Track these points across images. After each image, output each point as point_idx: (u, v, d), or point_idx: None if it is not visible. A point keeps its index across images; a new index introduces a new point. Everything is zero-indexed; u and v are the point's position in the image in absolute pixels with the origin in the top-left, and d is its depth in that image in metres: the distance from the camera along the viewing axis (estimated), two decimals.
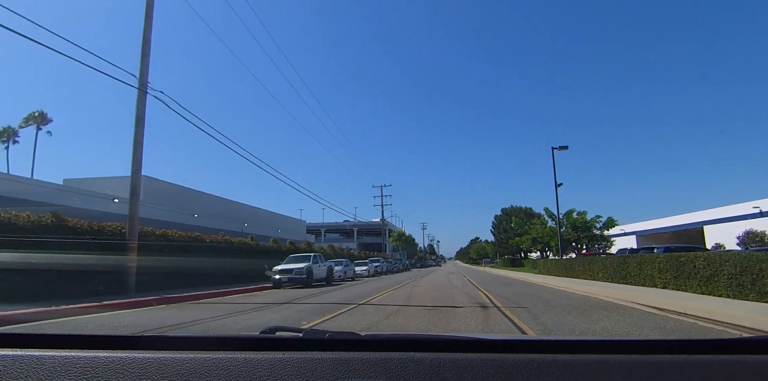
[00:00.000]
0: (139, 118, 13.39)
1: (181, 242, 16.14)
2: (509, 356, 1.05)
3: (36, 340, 1.23)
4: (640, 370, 0.98)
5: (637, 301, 10.16)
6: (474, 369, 0.99)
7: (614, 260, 16.03)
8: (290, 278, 17.57)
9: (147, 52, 13.93)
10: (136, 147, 13.30)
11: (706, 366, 1.00)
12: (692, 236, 49.49)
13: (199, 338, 1.31)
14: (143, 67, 13.71)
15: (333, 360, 1.04)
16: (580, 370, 0.99)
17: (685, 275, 11.18)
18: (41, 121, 58.05)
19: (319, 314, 8.45)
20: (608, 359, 1.03)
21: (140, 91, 13.47)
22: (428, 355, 1.05)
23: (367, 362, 1.02)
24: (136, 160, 13.26)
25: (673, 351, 1.09)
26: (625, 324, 6.75)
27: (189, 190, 38.13)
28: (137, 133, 13.34)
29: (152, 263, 13.99)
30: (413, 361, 1.03)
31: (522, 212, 51.92)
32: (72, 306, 9.22)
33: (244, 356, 1.06)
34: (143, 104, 13.52)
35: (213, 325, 7.31)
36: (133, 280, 12.72)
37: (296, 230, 55.73)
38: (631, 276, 14.34)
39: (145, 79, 13.65)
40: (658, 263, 12.62)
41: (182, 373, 1.00)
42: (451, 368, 1.00)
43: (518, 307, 9.24)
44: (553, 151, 26.76)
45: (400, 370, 1.00)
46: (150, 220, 22.84)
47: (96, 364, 1.04)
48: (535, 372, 0.98)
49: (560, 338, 1.49)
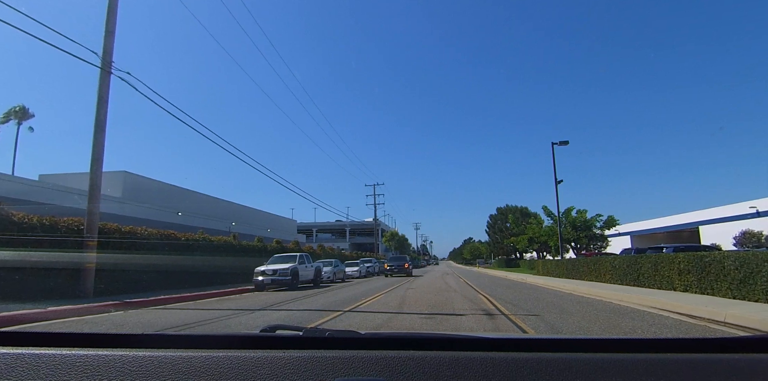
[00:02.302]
0: (101, 99, 11.93)
1: (152, 240, 14.64)
2: (509, 355, 1.05)
3: (37, 338, 1.22)
4: (639, 369, 0.98)
5: (662, 306, 8.94)
6: (474, 367, 0.99)
7: (624, 261, 14.83)
8: (273, 280, 16.15)
9: (112, 29, 12.48)
10: (97, 132, 11.83)
11: (705, 365, 1.00)
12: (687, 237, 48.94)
13: (199, 337, 1.32)
14: (107, 44, 12.25)
15: (333, 358, 1.03)
16: (579, 368, 0.98)
17: (712, 277, 9.98)
18: (22, 116, 56.13)
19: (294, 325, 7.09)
20: (607, 358, 1.03)
21: (103, 71, 12.01)
22: (428, 354, 1.06)
23: (366, 361, 1.02)
24: (97, 147, 11.79)
25: (672, 350, 1.10)
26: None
27: (174, 187, 36.49)
28: (99, 116, 11.87)
29: (116, 263, 12.55)
30: (413, 359, 1.03)
31: (517, 212, 50.79)
32: (5, 313, 7.78)
33: (244, 355, 1.05)
34: (106, 85, 12.06)
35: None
36: (91, 281, 11.27)
37: (287, 230, 54.26)
38: (645, 278, 13.14)
39: (109, 58, 12.19)
40: (677, 264, 11.42)
41: (182, 371, 1.00)
42: (451, 367, 1.00)
43: (529, 315, 7.96)
44: (553, 147, 25.65)
45: (399, 369, 1.00)
46: (128, 218, 21.28)
47: (96, 363, 1.04)
48: (535, 370, 0.98)
49: (560, 337, 1.41)
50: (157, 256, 14.50)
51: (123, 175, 30.68)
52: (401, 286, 17.37)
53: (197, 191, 39.26)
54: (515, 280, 22.98)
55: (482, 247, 79.00)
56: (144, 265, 13.72)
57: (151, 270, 14.17)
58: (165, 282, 14.77)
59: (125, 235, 13.53)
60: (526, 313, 8.30)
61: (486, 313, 8.37)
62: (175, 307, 10.56)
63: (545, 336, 1.59)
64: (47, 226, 11.04)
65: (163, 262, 14.69)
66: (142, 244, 14.12)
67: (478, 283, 19.22)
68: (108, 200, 27.09)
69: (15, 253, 9.60)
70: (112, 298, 11.21)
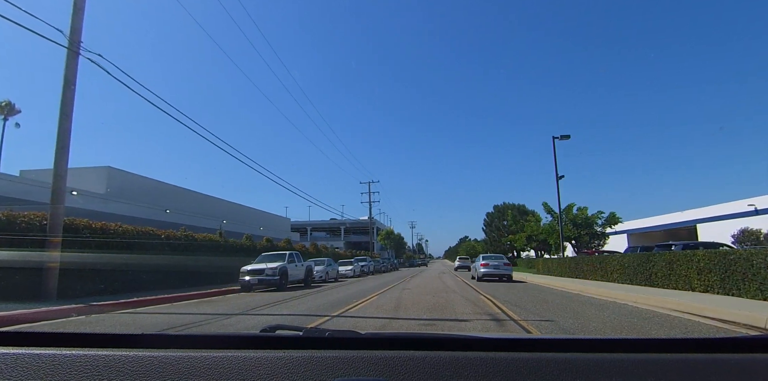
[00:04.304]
0: (68, 81, 10.84)
1: (127, 238, 13.54)
2: (509, 355, 1.05)
3: (37, 338, 1.23)
4: (639, 369, 0.98)
5: (686, 309, 8.03)
6: (474, 368, 0.99)
7: (635, 259, 13.93)
8: (260, 280, 15.11)
9: (81, 5, 11.38)
10: (62, 118, 10.73)
11: (705, 365, 1.00)
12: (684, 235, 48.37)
13: (199, 337, 1.32)
14: (75, 22, 11.15)
15: (333, 358, 1.03)
16: (579, 368, 0.98)
17: (738, 277, 9.09)
18: (8, 111, 54.72)
19: None
20: (607, 358, 1.02)
21: (70, 51, 10.93)
22: (428, 354, 1.05)
23: (367, 361, 1.02)
24: (63, 134, 10.70)
25: (671, 350, 1.10)
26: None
27: (163, 184, 35.20)
28: (65, 99, 10.78)
29: (85, 262, 11.47)
30: (413, 359, 1.02)
31: (515, 209, 49.87)
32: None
33: (244, 354, 1.05)
34: (73, 67, 10.96)
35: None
36: (54, 283, 10.20)
37: (280, 228, 53.12)
38: (658, 277, 12.25)
39: (77, 37, 11.09)
40: (696, 262, 10.53)
41: (183, 371, 1.00)
42: (451, 367, 1.00)
43: (542, 320, 7.02)
44: (554, 141, 24.78)
45: (400, 369, 0.99)
46: (112, 215, 20.14)
47: (96, 363, 1.03)
48: (535, 370, 0.98)
49: (560, 337, 1.39)
50: (134, 255, 13.41)
51: (107, 170, 29.43)
52: (396, 287, 16.39)
53: (188, 188, 37.99)
54: (515, 279, 22.09)
55: (478, 246, 78.10)
56: (119, 264, 12.64)
57: (127, 270, 13.08)
58: (142, 283, 13.69)
59: (96, 231, 12.43)
60: (538, 318, 7.35)
61: (492, 317, 7.41)
62: (145, 311, 9.52)
63: (545, 336, 1.47)
64: (3, 222, 9.96)
65: (140, 261, 13.60)
66: (117, 242, 13.02)
67: (477, 283, 18.31)
68: (91, 196, 25.89)
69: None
70: (78, 300, 10.14)
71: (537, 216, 38.30)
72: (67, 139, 10.83)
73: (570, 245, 32.72)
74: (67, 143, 10.79)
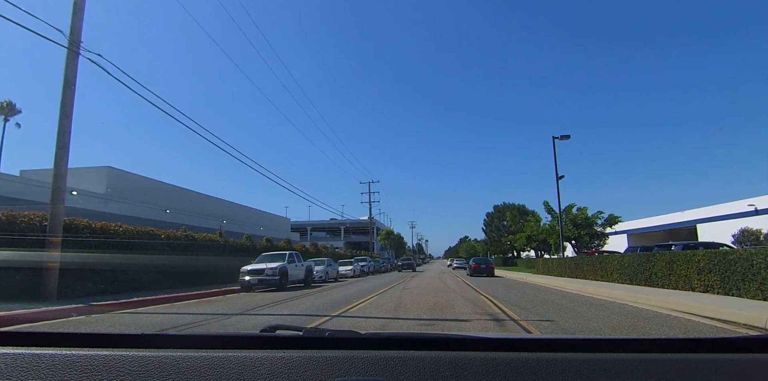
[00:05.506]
0: (68, 81, 10.84)
1: (127, 238, 13.53)
2: (509, 355, 1.04)
3: (36, 338, 1.22)
4: (639, 369, 0.98)
5: (686, 309, 8.03)
6: (474, 367, 0.99)
7: (634, 259, 13.93)
8: (260, 280, 15.10)
9: (81, 5, 11.39)
10: (62, 118, 10.73)
11: (705, 365, 0.99)
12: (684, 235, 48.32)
13: (199, 337, 1.32)
14: (75, 22, 11.15)
15: (333, 358, 1.03)
16: (579, 368, 0.98)
17: (738, 277, 9.09)
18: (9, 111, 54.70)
19: None
20: (607, 358, 1.02)
21: (70, 51, 10.93)
22: (428, 354, 1.04)
23: (367, 361, 1.01)
24: (63, 134, 10.70)
25: (671, 350, 1.09)
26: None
27: (163, 184, 35.19)
28: (65, 99, 10.78)
29: (85, 262, 11.47)
30: (413, 359, 1.02)
31: (515, 209, 49.85)
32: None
33: (244, 354, 1.05)
34: (73, 67, 10.96)
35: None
36: (54, 282, 10.19)
37: (280, 228, 53.10)
38: (658, 277, 12.25)
39: (77, 37, 11.09)
40: (696, 262, 10.53)
41: (183, 371, 1.00)
42: (452, 367, 0.99)
43: (542, 320, 7.02)
44: (554, 141, 24.76)
45: (400, 369, 0.99)
46: (112, 215, 20.15)
47: (96, 363, 1.03)
48: (535, 370, 0.97)
49: (560, 337, 1.36)
50: (134, 255, 13.42)
51: (107, 170, 29.40)
52: (397, 287, 16.39)
53: (188, 188, 37.98)
54: (515, 279, 22.11)
55: (478, 246, 78.06)
56: (119, 264, 12.64)
57: (127, 270, 13.08)
58: (142, 283, 13.69)
59: (97, 231, 12.43)
60: (538, 318, 7.35)
61: (493, 317, 7.41)
62: (145, 311, 9.52)
63: (545, 336, 1.47)
64: (4, 222, 9.95)
65: (140, 261, 13.60)
66: (117, 242, 13.02)
67: (477, 283, 18.31)
68: (91, 196, 25.88)
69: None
70: (78, 300, 10.16)
71: (537, 216, 38.30)
72: (67, 139, 10.83)
73: (570, 245, 32.70)
74: (67, 143, 10.80)
